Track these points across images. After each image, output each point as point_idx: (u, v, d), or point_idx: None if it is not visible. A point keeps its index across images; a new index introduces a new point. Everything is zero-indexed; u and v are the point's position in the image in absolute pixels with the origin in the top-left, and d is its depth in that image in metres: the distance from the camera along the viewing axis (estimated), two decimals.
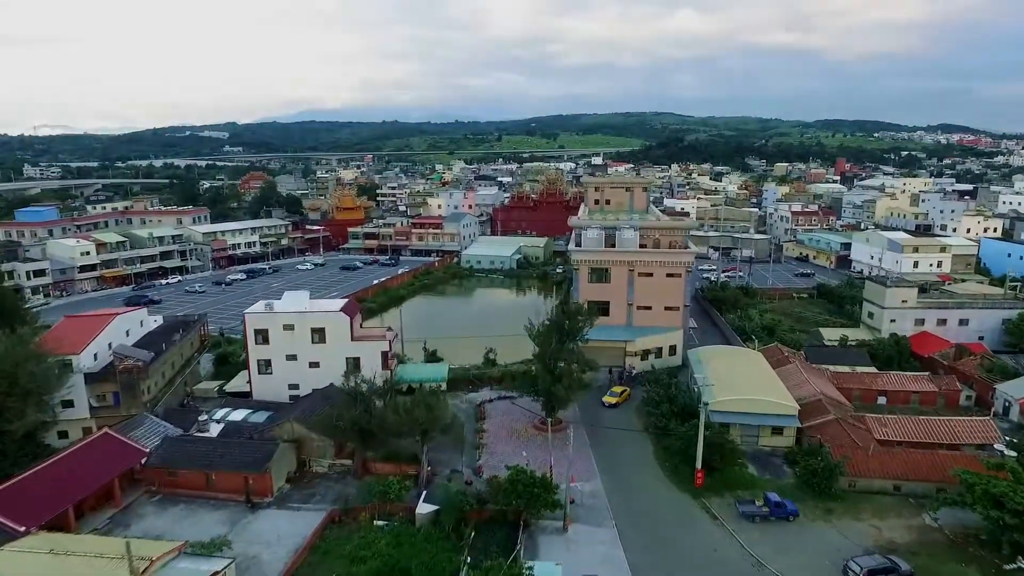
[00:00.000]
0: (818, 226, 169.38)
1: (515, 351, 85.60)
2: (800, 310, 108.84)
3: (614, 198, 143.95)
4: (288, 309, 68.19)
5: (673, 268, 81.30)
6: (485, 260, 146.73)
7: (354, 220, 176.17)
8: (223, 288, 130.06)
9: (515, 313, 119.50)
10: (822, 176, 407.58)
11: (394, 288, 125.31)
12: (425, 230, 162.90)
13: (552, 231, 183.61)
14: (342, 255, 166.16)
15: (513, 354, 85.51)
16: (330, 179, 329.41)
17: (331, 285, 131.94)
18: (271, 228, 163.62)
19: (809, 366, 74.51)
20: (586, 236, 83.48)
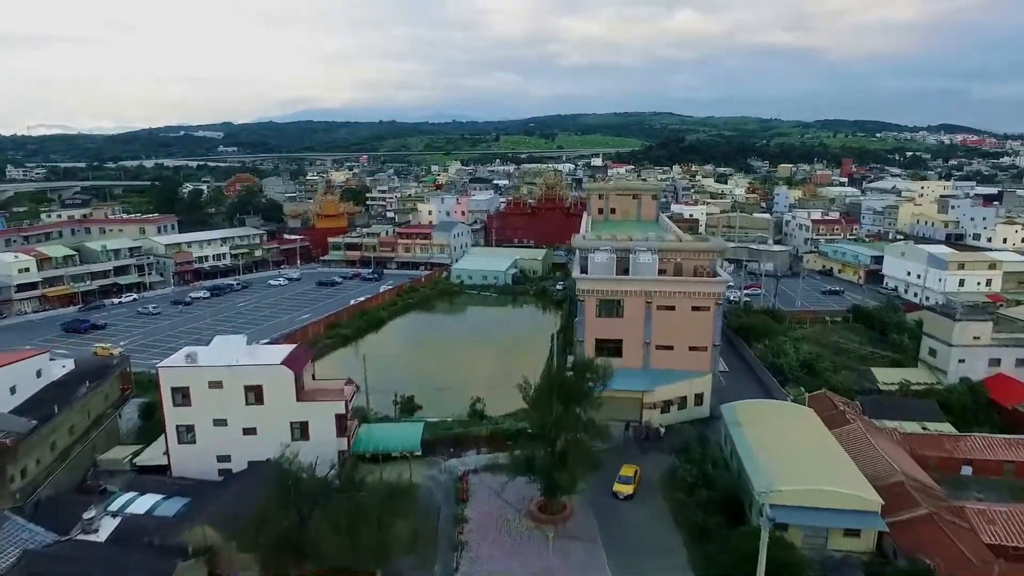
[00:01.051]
0: (841, 235, 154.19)
1: (510, 396, 70.77)
2: (838, 339, 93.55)
3: (620, 207, 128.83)
4: (216, 361, 52.84)
5: (700, 301, 66.05)
6: (477, 275, 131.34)
7: (337, 229, 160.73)
8: (182, 309, 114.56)
9: (510, 341, 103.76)
10: (828, 178, 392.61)
11: (373, 309, 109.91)
12: (412, 240, 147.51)
13: (551, 239, 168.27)
14: (322, 268, 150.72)
15: (507, 399, 70.55)
16: (319, 182, 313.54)
17: (303, 305, 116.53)
18: (243, 238, 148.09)
19: (871, 425, 59.44)
20: (593, 260, 68.19)
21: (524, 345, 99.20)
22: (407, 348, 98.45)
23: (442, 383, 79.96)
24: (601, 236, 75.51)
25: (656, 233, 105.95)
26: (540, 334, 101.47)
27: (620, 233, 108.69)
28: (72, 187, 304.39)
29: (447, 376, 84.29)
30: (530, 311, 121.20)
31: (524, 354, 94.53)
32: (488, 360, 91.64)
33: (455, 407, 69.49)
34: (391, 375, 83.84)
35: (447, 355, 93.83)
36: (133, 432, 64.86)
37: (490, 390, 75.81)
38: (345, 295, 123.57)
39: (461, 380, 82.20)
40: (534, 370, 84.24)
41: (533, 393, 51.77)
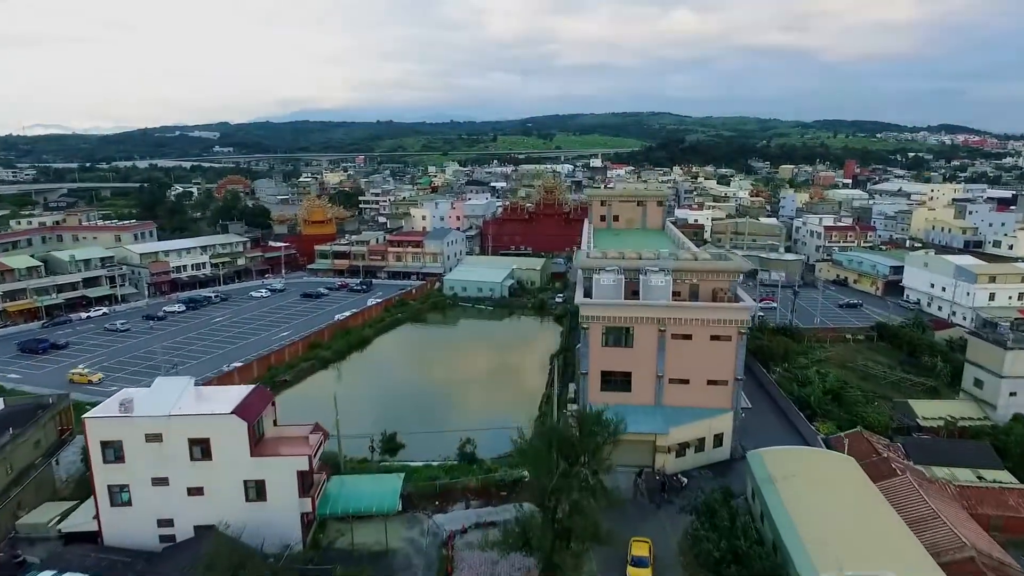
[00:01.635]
0: (855, 243, 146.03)
1: (504, 433, 62.78)
2: (865, 362, 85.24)
3: (623, 214, 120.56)
4: (155, 409, 44.46)
5: (721, 329, 57.75)
6: (471, 286, 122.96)
7: (324, 236, 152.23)
8: (152, 325, 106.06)
9: (506, 362, 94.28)
10: (831, 179, 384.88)
11: (357, 327, 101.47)
12: (403, 249, 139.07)
13: (550, 247, 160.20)
14: (308, 277, 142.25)
15: (501, 438, 62.56)
16: (312, 183, 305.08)
17: (283, 320, 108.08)
18: (225, 246, 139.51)
19: (921, 476, 51.24)
20: (599, 282, 59.78)
21: (521, 367, 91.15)
22: (392, 372, 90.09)
23: (429, 416, 71.69)
24: (607, 254, 66.93)
25: (665, 245, 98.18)
26: (539, 354, 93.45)
27: (625, 244, 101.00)
28: (58, 189, 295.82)
29: (435, 405, 76.09)
30: (528, 326, 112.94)
31: (521, 377, 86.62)
32: (481, 387, 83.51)
33: (443, 446, 61.22)
34: (372, 405, 75.85)
35: (436, 380, 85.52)
36: (74, 480, 56.42)
37: (483, 423, 67.80)
38: (330, 309, 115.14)
39: (451, 410, 74.14)
40: (532, 401, 76.64)
41: (529, 448, 43.65)
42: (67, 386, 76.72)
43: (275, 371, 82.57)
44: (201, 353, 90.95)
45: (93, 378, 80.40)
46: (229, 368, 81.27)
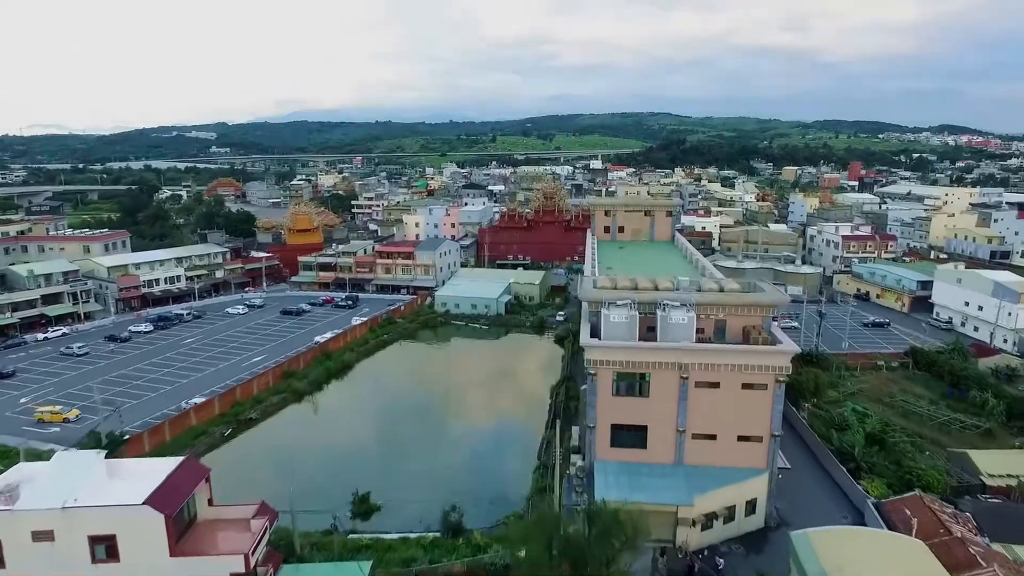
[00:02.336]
0: (874, 253, 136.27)
1: (498, 497, 53.90)
2: (903, 396, 75.46)
3: (629, 224, 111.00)
4: (47, 498, 34.67)
5: (755, 376, 48.08)
6: (465, 303, 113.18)
7: (310, 245, 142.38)
8: (114, 348, 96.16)
9: (500, 393, 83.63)
10: (836, 181, 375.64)
11: (338, 351, 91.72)
12: (393, 260, 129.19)
13: (550, 256, 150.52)
14: (291, 290, 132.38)
15: (493, 506, 53.52)
16: (305, 187, 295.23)
17: (259, 342, 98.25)
18: (202, 257, 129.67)
19: (1007, 563, 41.52)
20: (609, 319, 50.03)
21: (518, 400, 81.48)
22: (372, 406, 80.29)
23: (411, 464, 62.10)
24: (617, 283, 56.86)
25: (676, 259, 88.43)
26: (537, 383, 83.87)
27: (633, 259, 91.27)
28: (43, 192, 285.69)
29: (419, 450, 66.38)
30: (526, 348, 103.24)
31: (518, 412, 76.87)
32: (472, 425, 73.86)
33: (425, 510, 51.62)
34: (344, 452, 66.26)
35: (421, 416, 75.64)
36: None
37: (473, 471, 58.77)
38: (311, 328, 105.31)
39: (437, 455, 64.54)
40: (529, 444, 67.06)
41: (525, 545, 34.01)
42: (21, 430, 67.12)
43: (240, 407, 72.91)
44: (161, 383, 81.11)
45: (69, 415, 70.12)
46: (188, 405, 71.52)
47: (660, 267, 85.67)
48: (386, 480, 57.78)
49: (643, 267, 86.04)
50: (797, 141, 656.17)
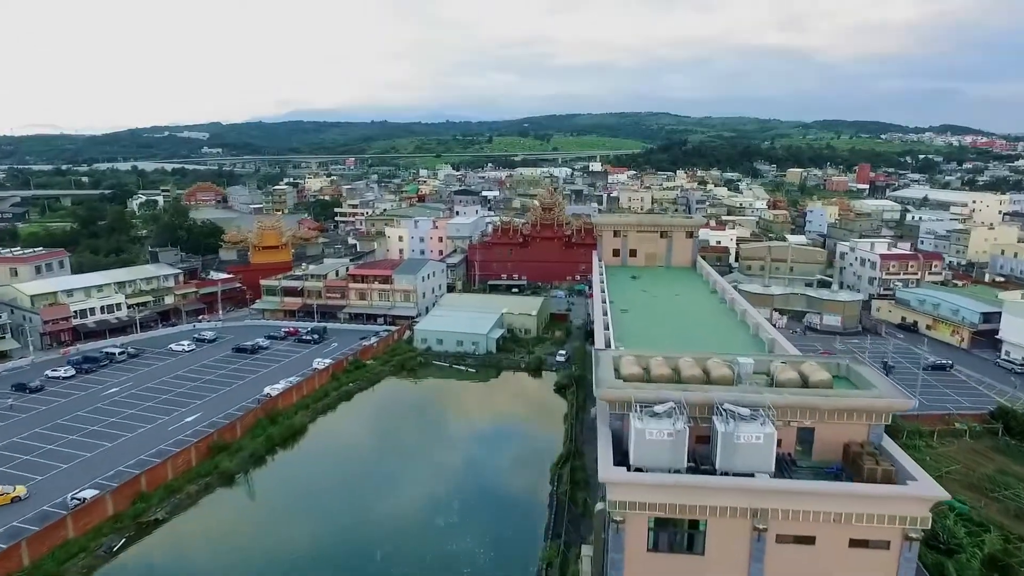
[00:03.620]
0: (917, 275, 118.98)
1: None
2: (1002, 479, 57.96)
3: (643, 247, 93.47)
4: None
5: (872, 529, 30.63)
6: (449, 338, 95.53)
7: (277, 265, 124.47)
8: (13, 403, 77.82)
9: (488, 472, 64.16)
10: (844, 184, 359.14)
11: (289, 409, 73.99)
12: (368, 285, 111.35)
13: (548, 276, 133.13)
14: (252, 319, 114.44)
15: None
16: (288, 191, 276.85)
17: (195, 395, 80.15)
18: (149, 281, 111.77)
19: None
20: (643, 435, 32.44)
21: (509, 480, 63.83)
22: (321, 490, 61.94)
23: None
24: (650, 367, 38.99)
25: (703, 292, 70.87)
26: (534, 452, 66.64)
27: (650, 294, 73.83)
28: (11, 198, 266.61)
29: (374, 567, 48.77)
30: (521, 396, 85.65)
31: (507, 505, 59.21)
32: (446, 523, 56.05)
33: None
34: (289, 560, 48.59)
35: (380, 506, 57.98)
36: None
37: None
38: (265, 372, 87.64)
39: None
40: (522, 564, 49.69)
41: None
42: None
43: (146, 501, 55.21)
44: (54, 459, 63.23)
45: (18, 492, 55.19)
46: (74, 500, 53.91)
47: (689, 309, 68.37)
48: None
49: (666, 308, 68.78)
50: (799, 141, 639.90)
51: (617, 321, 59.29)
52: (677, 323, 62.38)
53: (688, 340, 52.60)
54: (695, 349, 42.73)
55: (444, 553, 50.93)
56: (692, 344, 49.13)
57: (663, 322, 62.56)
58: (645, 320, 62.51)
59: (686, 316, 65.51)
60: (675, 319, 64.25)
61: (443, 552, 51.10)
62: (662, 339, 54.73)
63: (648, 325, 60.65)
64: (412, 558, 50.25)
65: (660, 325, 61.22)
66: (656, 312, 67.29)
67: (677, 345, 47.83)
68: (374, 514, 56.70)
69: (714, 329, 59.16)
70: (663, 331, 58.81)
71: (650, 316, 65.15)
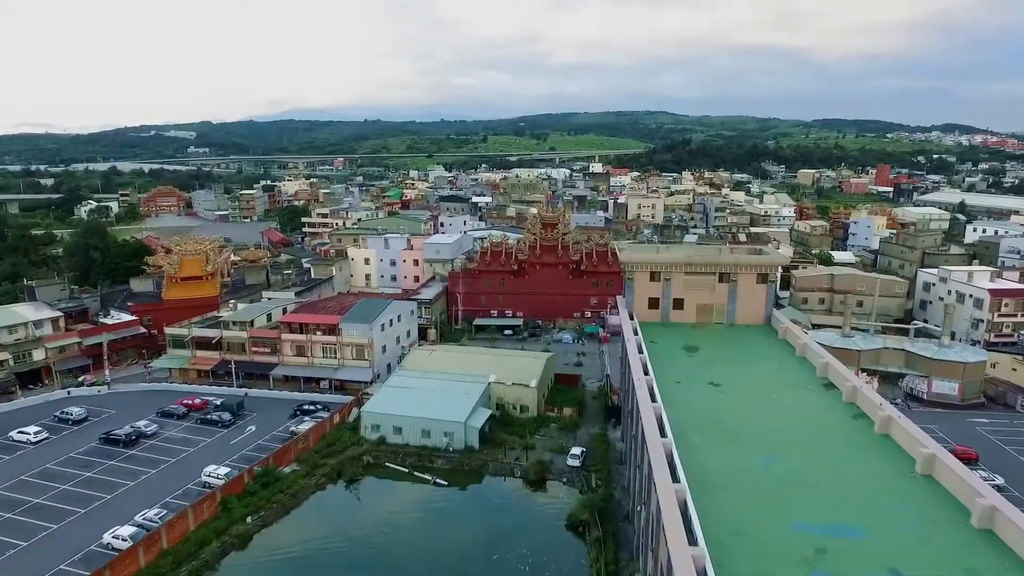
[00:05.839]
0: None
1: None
2: None
3: (692, 295, 61.51)
4: None
5: None
6: (411, 427, 65.00)
7: (198, 303, 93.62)
8: None
9: None
10: (864, 187, 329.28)
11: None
12: (307, 336, 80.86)
13: (549, 311, 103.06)
14: (154, 380, 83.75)
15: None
16: (258, 195, 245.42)
17: (8, 532, 49.87)
18: (12, 330, 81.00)
19: None
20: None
21: None
22: None
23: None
24: None
25: (796, 377, 41.14)
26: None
27: (725, 393, 43.73)
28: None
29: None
30: (515, 534, 55.03)
31: None
32: None
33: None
34: None
35: None
36: None
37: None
38: (126, 491, 57.21)
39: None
40: None
41: None
42: None
43: None
44: None
45: None
46: None
47: (797, 417, 38.33)
48: None
49: (757, 419, 38.66)
50: (804, 141, 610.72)
51: (679, 443, 29.72)
52: (770, 430, 32.41)
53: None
54: None
55: None
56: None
57: (762, 447, 32.61)
58: (730, 448, 32.61)
59: (790, 436, 35.41)
60: (765, 425, 34.26)
61: None
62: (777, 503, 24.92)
63: (737, 458, 30.82)
64: None
65: (751, 451, 31.38)
66: (736, 416, 37.38)
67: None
68: None
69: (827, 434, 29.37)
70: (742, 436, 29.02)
71: (734, 439, 35.20)
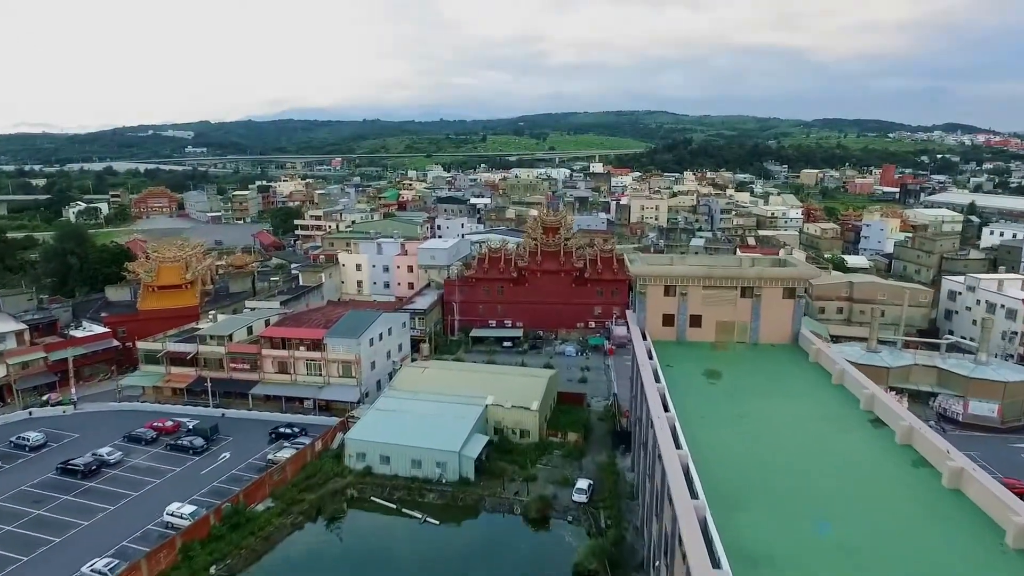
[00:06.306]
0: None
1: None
2: None
3: (711, 312, 53.56)
4: None
5: None
6: (400, 456, 58.68)
7: (176, 313, 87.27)
8: None
9: None
10: (869, 187, 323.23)
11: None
12: (290, 352, 74.55)
13: (550, 322, 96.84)
14: (125, 398, 77.45)
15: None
16: (251, 196, 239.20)
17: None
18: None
19: None
20: None
21: None
22: None
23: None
24: None
25: (821, 398, 34.91)
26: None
27: (745, 410, 36.73)
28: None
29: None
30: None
31: None
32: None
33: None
34: None
35: None
36: None
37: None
38: (77, 533, 50.95)
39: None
40: None
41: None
42: None
43: None
44: None
45: None
46: None
47: (846, 466, 31.96)
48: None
49: (804, 468, 32.31)
50: (805, 140, 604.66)
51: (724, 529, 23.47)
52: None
53: None
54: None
55: None
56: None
57: (810, 509, 26.22)
58: (774, 511, 26.32)
59: (843, 494, 29.02)
60: (833, 505, 27.85)
61: None
62: None
63: (784, 524, 24.52)
64: None
65: (799, 515, 25.00)
66: (783, 481, 31.03)
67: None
68: None
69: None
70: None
71: (778, 498, 28.87)
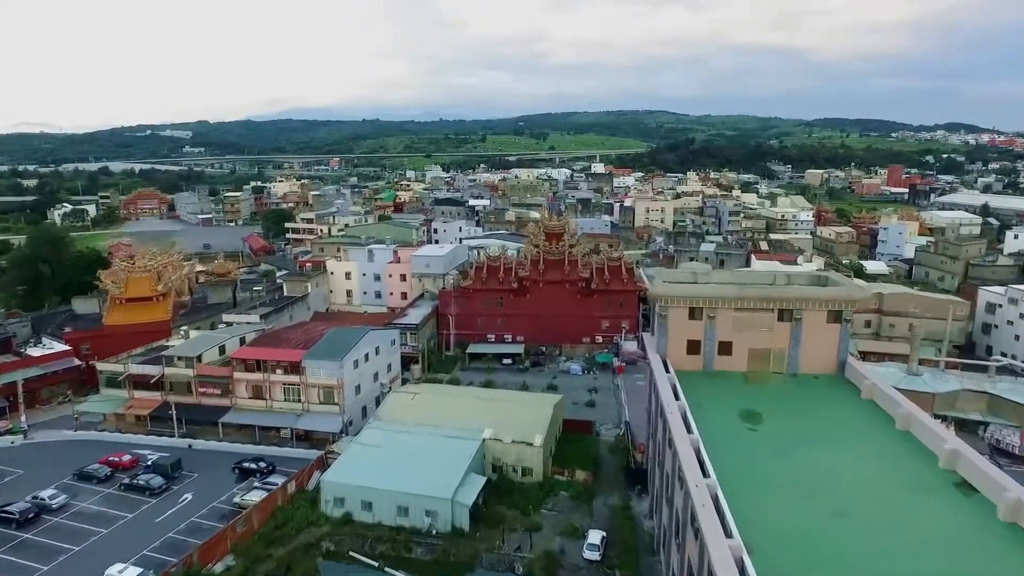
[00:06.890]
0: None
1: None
2: None
3: (744, 337, 45.54)
4: None
5: None
6: (385, 502, 50.84)
7: (145, 328, 79.44)
8: None
9: None
10: (877, 188, 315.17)
11: None
12: (265, 376, 66.71)
13: (555, 337, 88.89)
14: (85, 425, 69.66)
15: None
16: (244, 198, 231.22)
17: None
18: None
19: None
20: None
21: None
22: None
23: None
24: None
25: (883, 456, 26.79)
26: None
27: (796, 464, 28.29)
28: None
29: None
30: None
31: None
32: None
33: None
34: None
35: None
36: None
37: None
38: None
39: None
40: None
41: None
42: None
43: None
44: None
45: None
46: None
47: (942, 557, 23.56)
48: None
49: (888, 554, 23.68)
50: (807, 140, 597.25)
51: None
52: None
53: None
54: None
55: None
56: None
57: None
58: None
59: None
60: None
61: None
62: None
63: None
64: None
65: None
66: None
67: None
68: None
69: None
70: None
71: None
